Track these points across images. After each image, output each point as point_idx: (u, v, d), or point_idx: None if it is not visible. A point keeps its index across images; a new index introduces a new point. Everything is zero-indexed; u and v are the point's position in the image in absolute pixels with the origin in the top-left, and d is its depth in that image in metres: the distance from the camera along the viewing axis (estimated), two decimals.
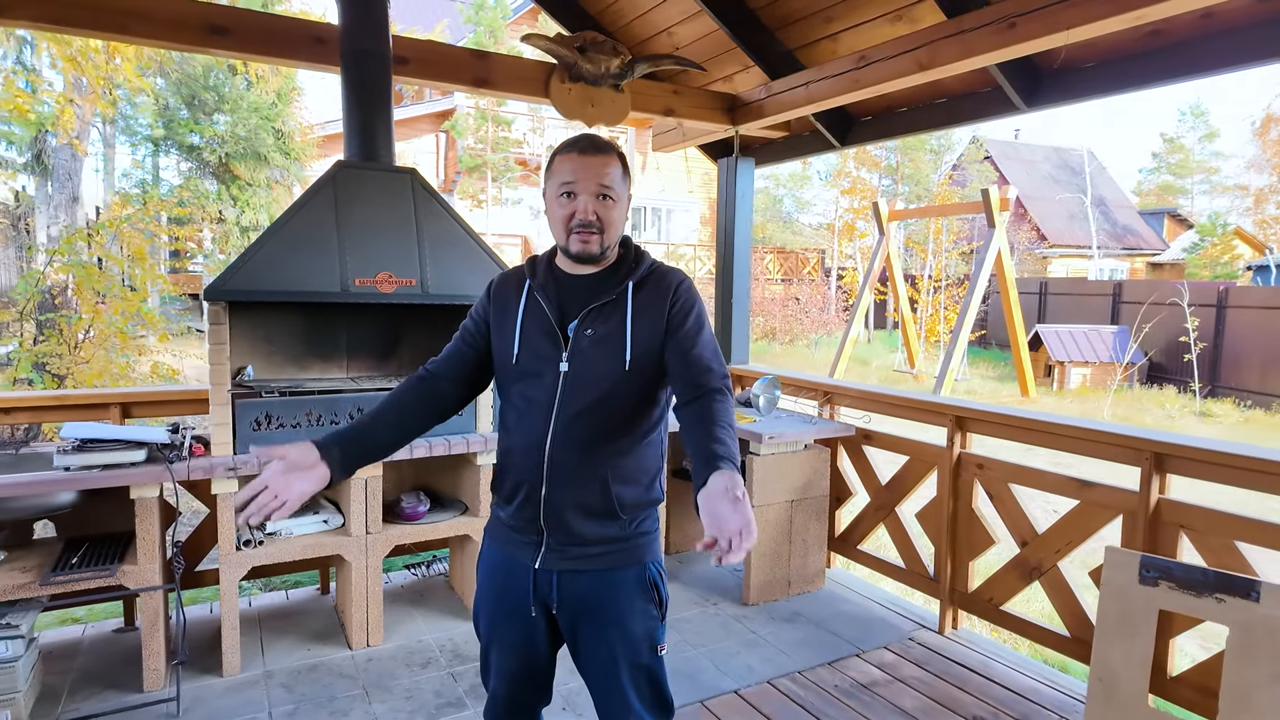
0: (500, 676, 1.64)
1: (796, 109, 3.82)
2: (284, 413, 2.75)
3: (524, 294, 1.58)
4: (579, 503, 1.50)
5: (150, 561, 2.54)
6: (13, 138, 9.68)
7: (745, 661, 2.92)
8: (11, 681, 2.36)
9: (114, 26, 2.84)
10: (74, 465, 2.40)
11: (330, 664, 2.81)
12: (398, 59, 3.27)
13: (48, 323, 5.76)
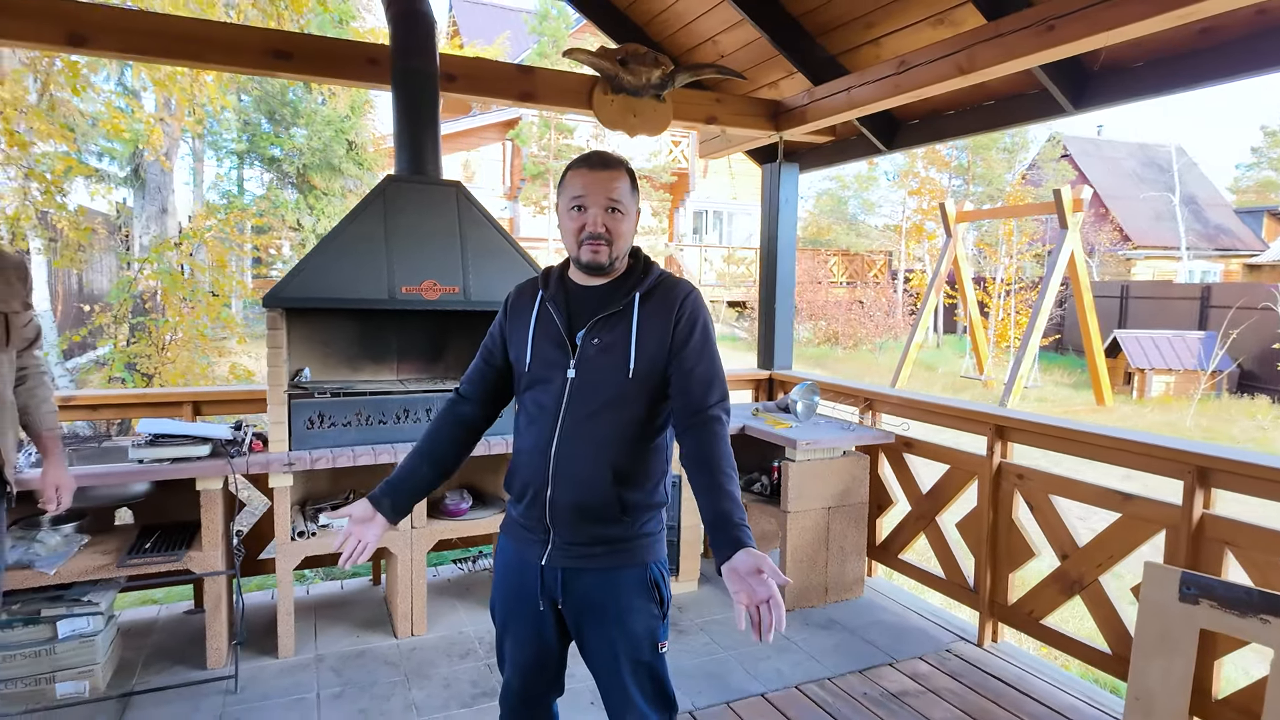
0: (513, 667, 1.73)
1: (839, 114, 3.82)
2: (335, 412, 2.93)
3: (537, 304, 1.67)
4: (583, 504, 1.58)
5: (214, 548, 2.74)
6: (114, 154, 10.45)
7: (775, 666, 2.94)
8: (91, 654, 2.60)
9: (187, 54, 3.08)
10: (146, 458, 2.63)
11: (376, 651, 2.97)
12: (446, 76, 3.43)
13: (139, 326, 6.21)
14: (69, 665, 2.57)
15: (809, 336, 17.96)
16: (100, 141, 9.77)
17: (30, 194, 4.83)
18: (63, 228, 5.41)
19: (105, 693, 2.61)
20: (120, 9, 3.09)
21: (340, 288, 2.84)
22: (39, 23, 2.82)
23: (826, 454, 3.45)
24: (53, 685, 2.55)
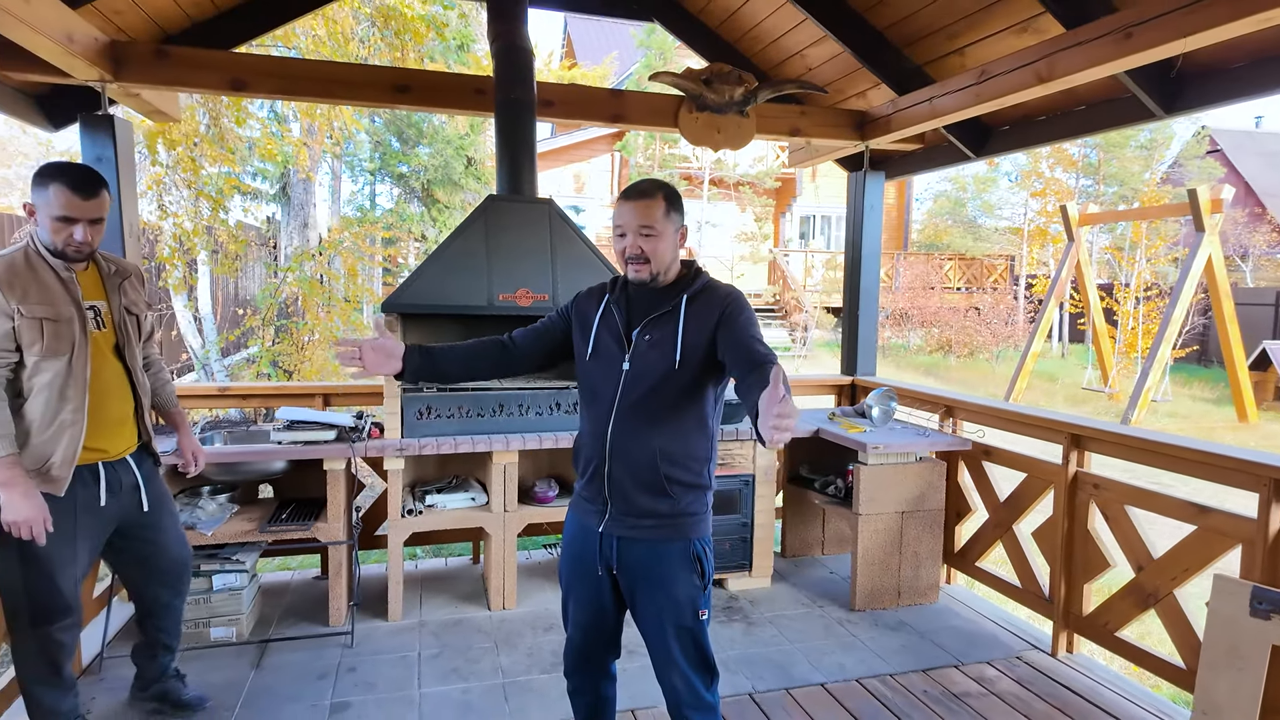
0: (575, 626, 1.98)
1: (921, 124, 3.87)
2: (440, 405, 3.30)
3: (602, 305, 1.92)
4: (634, 478, 1.81)
5: (338, 521, 3.17)
6: (266, 174, 11.68)
7: (838, 660, 3.06)
8: (237, 605, 3.07)
9: (324, 93, 3.56)
10: (284, 440, 3.08)
11: (471, 621, 3.31)
12: (544, 102, 3.77)
13: (282, 328, 6.99)
14: (221, 613, 3.05)
15: (920, 344, 17.40)
16: (255, 163, 10.92)
17: (200, 211, 5.63)
18: (223, 240, 6.22)
19: (248, 638, 3.08)
20: (270, 58, 3.62)
21: (446, 295, 3.20)
22: (208, 73, 3.36)
23: (900, 459, 3.51)
24: (208, 629, 3.04)
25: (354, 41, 6.26)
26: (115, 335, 2.27)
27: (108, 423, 2.23)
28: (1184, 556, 2.64)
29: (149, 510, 2.35)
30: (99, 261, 2.28)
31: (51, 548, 2.09)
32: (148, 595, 2.45)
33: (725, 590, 3.68)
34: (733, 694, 2.76)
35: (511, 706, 2.65)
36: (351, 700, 2.66)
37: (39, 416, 2.07)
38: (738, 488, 3.64)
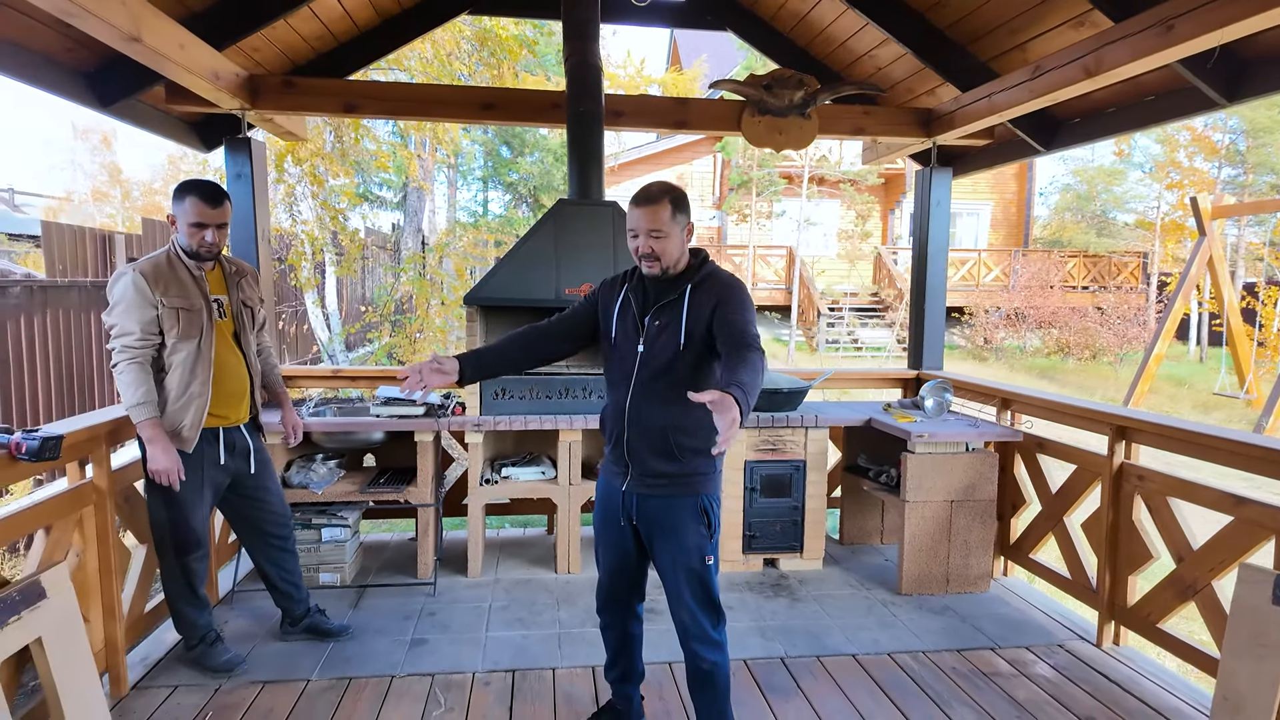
0: (604, 569, 2.28)
1: (982, 120, 3.92)
2: (514, 388, 3.70)
3: (622, 292, 2.21)
4: (649, 445, 2.09)
5: (426, 486, 3.62)
6: (390, 183, 12.75)
7: (874, 636, 3.20)
8: (342, 555, 3.58)
9: (422, 112, 4.05)
10: (382, 414, 3.56)
11: (539, 581, 3.69)
12: (614, 113, 4.10)
13: (397, 323, 7.71)
14: (328, 561, 3.58)
15: (1037, 346, 16.55)
16: (380, 174, 11.95)
17: (325, 220, 6.38)
18: (345, 245, 6.98)
19: (349, 584, 3.58)
20: (376, 83, 4.15)
21: (520, 290, 3.60)
22: (325, 98, 3.91)
23: (949, 449, 3.59)
24: (318, 574, 3.56)
25: (457, 60, 6.86)
26: (234, 324, 2.78)
27: (227, 396, 2.73)
28: (1221, 548, 2.63)
29: (256, 473, 2.85)
30: (222, 262, 2.79)
31: (185, 493, 2.60)
32: (258, 545, 2.94)
33: (776, 569, 3.87)
34: (765, 656, 2.98)
35: (563, 652, 2.99)
36: (429, 638, 3.09)
37: (174, 388, 2.59)
38: (789, 473, 3.83)
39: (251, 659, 2.88)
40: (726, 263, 17.56)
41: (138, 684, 2.71)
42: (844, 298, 16.66)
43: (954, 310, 17.40)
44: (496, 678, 2.80)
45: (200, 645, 2.80)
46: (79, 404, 5.51)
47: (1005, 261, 18.17)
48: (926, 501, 3.58)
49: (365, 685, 2.72)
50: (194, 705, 2.58)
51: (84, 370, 5.46)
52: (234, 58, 3.67)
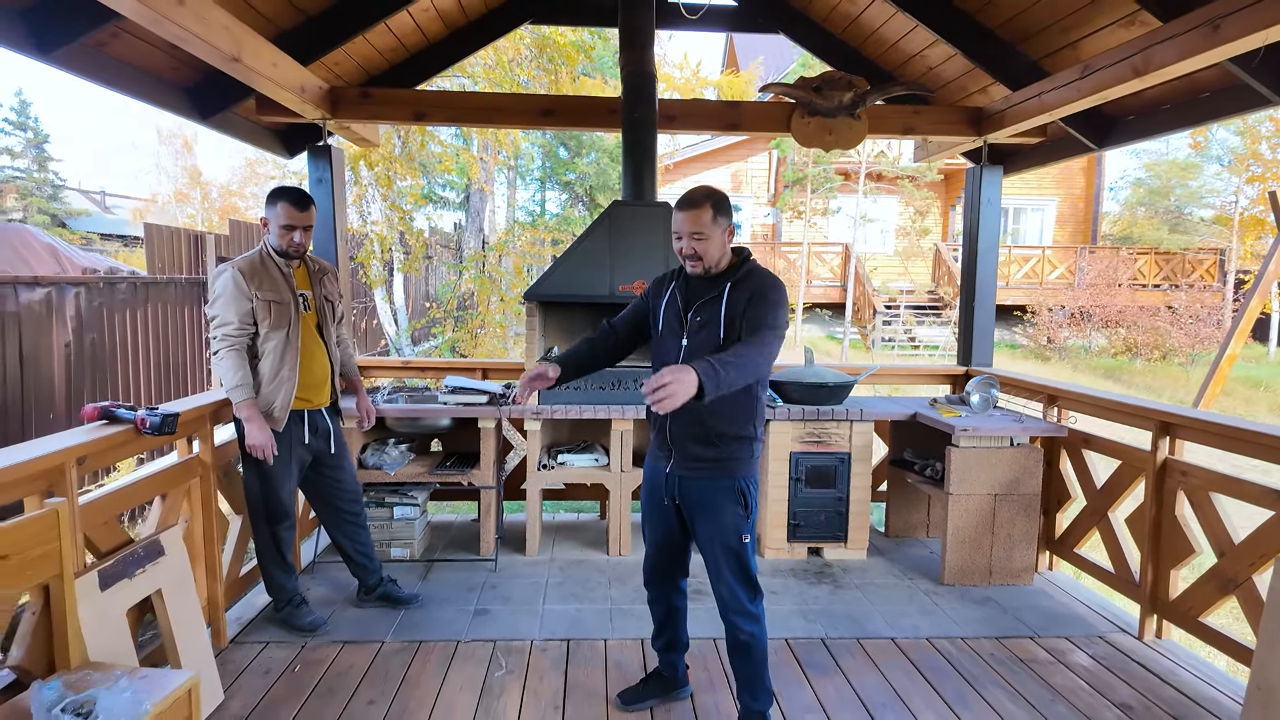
0: (651, 544, 2.47)
1: (1032, 119, 3.95)
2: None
3: (669, 289, 2.38)
4: (689, 433, 2.26)
5: (488, 469, 3.87)
6: (454, 184, 13.19)
7: (914, 622, 3.31)
8: (411, 532, 3.86)
9: (485, 119, 4.31)
10: (449, 401, 3.83)
11: (592, 562, 3.90)
12: (667, 117, 4.28)
13: (460, 319, 8.05)
14: (399, 537, 3.86)
15: (1104, 346, 16.05)
16: (445, 176, 12.39)
17: (391, 221, 6.73)
18: (411, 244, 7.34)
19: (418, 558, 3.86)
20: (442, 93, 4.42)
21: (576, 287, 3.81)
22: (397, 107, 4.19)
23: (993, 443, 3.65)
24: (389, 549, 3.85)
25: (518, 65, 7.13)
26: (317, 317, 3.06)
27: (311, 381, 3.01)
28: (1262, 542, 2.66)
29: (335, 452, 3.14)
30: (307, 261, 3.08)
31: (276, 467, 2.89)
32: (334, 519, 3.22)
33: (820, 558, 4.00)
34: (806, 637, 3.13)
35: (614, 625, 3.19)
36: (490, 608, 3.33)
37: (267, 373, 2.88)
38: (834, 465, 3.95)
39: (332, 622, 3.17)
40: (780, 260, 17.53)
41: (234, 639, 3.02)
42: (900, 295, 16.45)
43: (1016, 309, 17.01)
44: (553, 645, 3.02)
45: (288, 607, 3.10)
46: (175, 389, 5.99)
47: (1071, 259, 17.64)
48: (970, 494, 3.66)
49: (434, 648, 2.98)
50: (284, 659, 2.87)
51: (179, 358, 5.95)
52: (317, 71, 3.98)
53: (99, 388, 5.19)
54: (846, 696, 2.69)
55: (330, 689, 2.68)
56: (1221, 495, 2.87)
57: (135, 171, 37.83)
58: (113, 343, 5.30)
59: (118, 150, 45.88)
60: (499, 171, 11.72)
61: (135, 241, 19.35)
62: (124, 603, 2.23)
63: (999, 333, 17.56)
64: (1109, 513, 3.47)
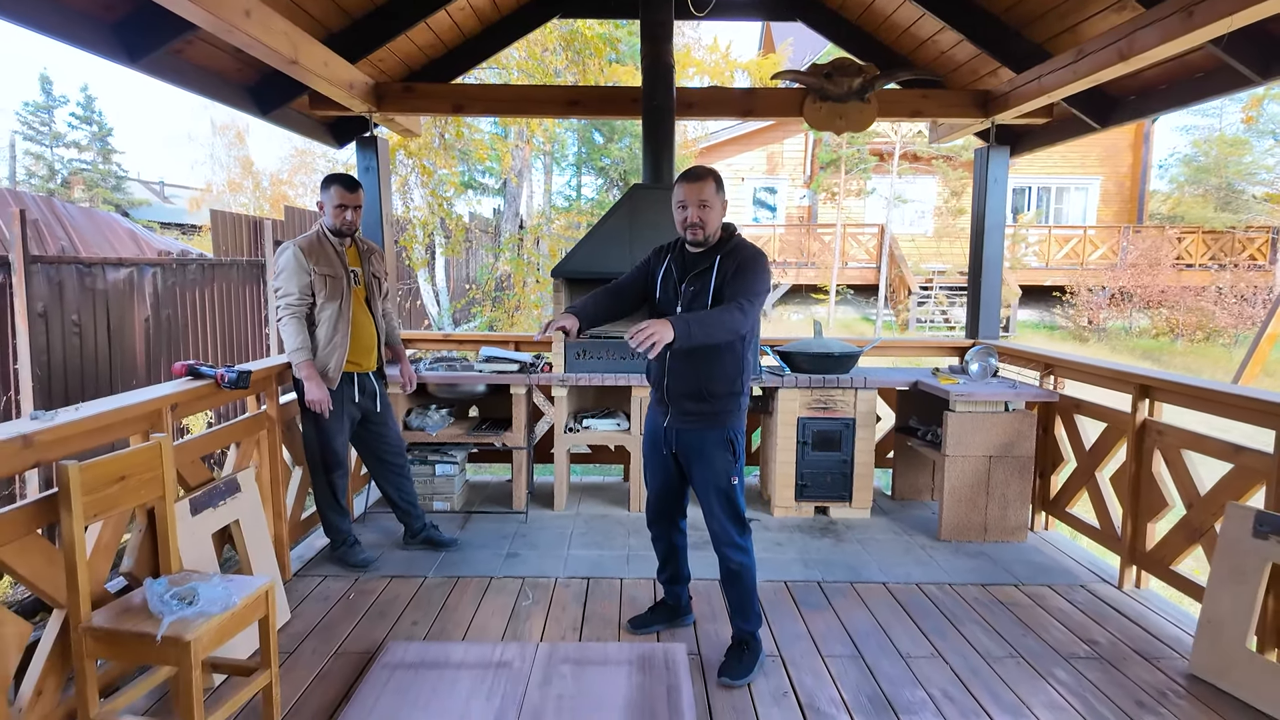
0: (651, 489, 2.80)
1: (1033, 100, 4.14)
2: (593, 350, 4.26)
3: (666, 261, 2.69)
4: (683, 390, 2.57)
5: (520, 432, 4.25)
6: (493, 171, 13.62)
7: (907, 570, 3.59)
8: (451, 487, 4.27)
9: (517, 110, 4.64)
10: (484, 369, 4.21)
11: (614, 517, 4.26)
12: (685, 104, 4.56)
13: (497, 299, 8.46)
14: (440, 491, 4.27)
15: (1144, 327, 15.81)
16: (486, 164, 12.79)
17: (433, 207, 7.15)
18: (451, 229, 7.75)
19: (457, 510, 4.27)
20: (479, 86, 4.77)
21: (598, 264, 4.14)
22: (437, 100, 4.55)
23: (989, 408, 3.89)
24: (432, 502, 4.26)
25: (551, 55, 7.45)
26: (365, 291, 3.45)
27: (361, 347, 3.40)
28: (1222, 493, 2.88)
29: (380, 411, 3.53)
30: (357, 241, 3.46)
31: (330, 421, 3.30)
32: (381, 471, 3.62)
33: (826, 516, 4.29)
34: (803, 580, 3.44)
35: (630, 567, 3.54)
36: (520, 552, 3.71)
37: (323, 338, 3.27)
38: (839, 429, 4.23)
39: (382, 561, 3.58)
40: (815, 242, 17.60)
41: (297, 573, 3.45)
42: (934, 276, 16.40)
43: (1055, 290, 16.82)
44: (574, 582, 3.38)
45: (343, 546, 3.52)
46: (238, 359, 6.55)
47: (1114, 239, 17.34)
48: (966, 456, 3.90)
49: (470, 582, 3.37)
50: (340, 589, 3.29)
51: (242, 331, 6.49)
52: (363, 68, 4.36)
53: (174, 358, 5.73)
54: (834, 627, 3.00)
55: (380, 612, 3.08)
56: (1193, 452, 3.09)
57: (191, 162, 39.28)
58: (184, 318, 5.83)
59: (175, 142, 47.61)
60: (535, 158, 12.08)
61: (193, 230, 20.28)
62: (210, 527, 2.65)
63: (1037, 314, 17.39)
64: (1096, 472, 3.69)
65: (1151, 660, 2.78)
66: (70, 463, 1.96)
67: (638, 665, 2.60)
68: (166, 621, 1.96)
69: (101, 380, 5.00)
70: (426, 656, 2.66)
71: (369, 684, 2.47)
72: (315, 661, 2.70)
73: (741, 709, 2.43)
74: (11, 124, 24.65)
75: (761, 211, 19.61)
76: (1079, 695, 2.54)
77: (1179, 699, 2.53)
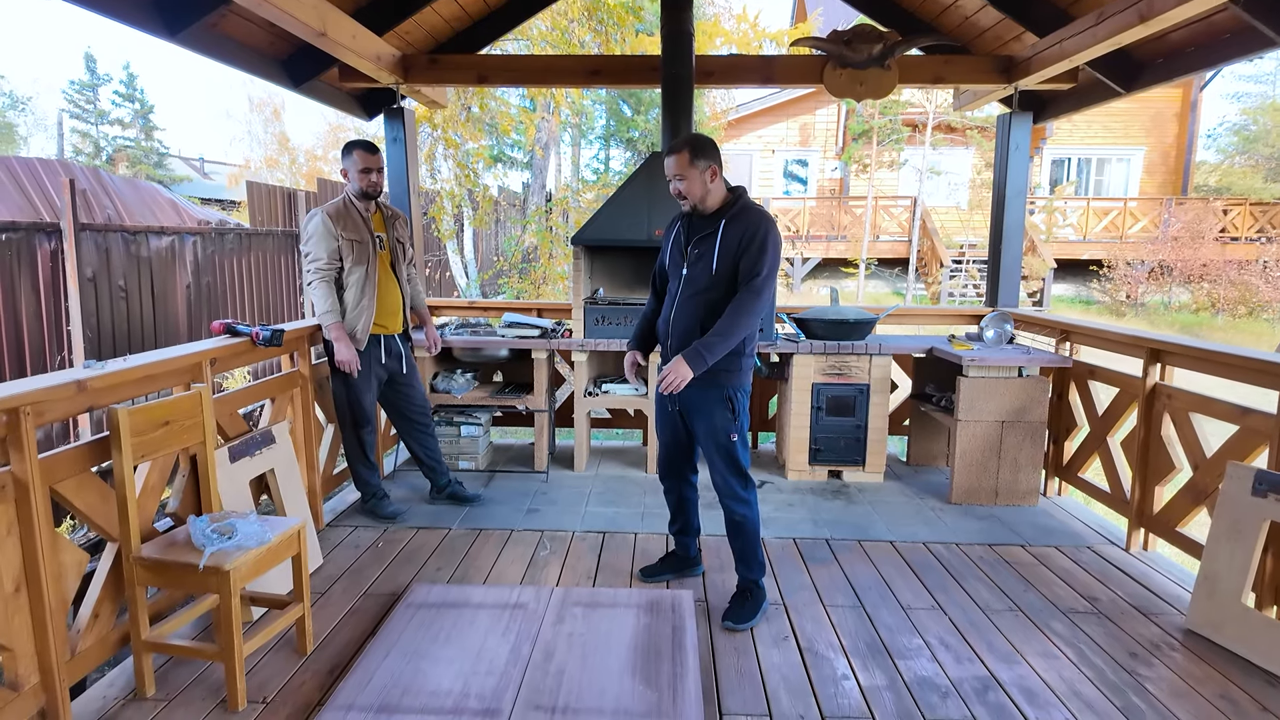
0: (661, 444, 2.92)
1: (1055, 65, 4.10)
2: (611, 316, 4.37)
3: (675, 226, 2.78)
4: (686, 349, 2.66)
5: (541, 396, 4.39)
6: (521, 144, 13.70)
7: (914, 530, 3.67)
8: (476, 447, 4.44)
9: (540, 80, 4.73)
10: (506, 334, 4.35)
11: (631, 478, 4.40)
12: (704, 72, 4.60)
13: (524, 270, 8.60)
14: (465, 451, 4.44)
15: (1184, 302, 15.43)
16: (514, 137, 12.87)
17: (460, 179, 7.27)
18: (479, 200, 7.88)
19: (482, 469, 4.44)
20: (502, 56, 4.86)
21: (616, 231, 4.23)
22: (462, 71, 4.66)
23: (1002, 374, 3.92)
24: (458, 461, 4.44)
25: (577, 25, 7.47)
26: (390, 256, 3.59)
27: (386, 310, 3.55)
28: (1228, 455, 2.90)
29: (406, 372, 3.69)
30: (382, 207, 3.60)
31: (359, 380, 3.46)
32: (408, 429, 3.79)
33: (839, 480, 4.37)
34: (812, 537, 3.54)
35: (644, 523, 3.68)
36: (540, 509, 3.87)
37: (351, 301, 3.42)
38: (853, 395, 4.29)
39: (409, 513, 3.77)
40: (846, 215, 17.42)
41: (330, 523, 3.65)
42: (966, 249, 16.15)
43: (1093, 264, 16.47)
44: (591, 536, 3.53)
45: (373, 499, 3.71)
46: (273, 323, 6.85)
47: (1156, 211, 16.88)
48: (978, 421, 3.95)
49: (492, 534, 3.54)
50: (370, 538, 3.49)
51: (278, 298, 6.76)
52: (391, 41, 4.47)
53: (214, 321, 6.04)
54: (838, 580, 3.11)
55: (408, 559, 3.27)
56: (1205, 417, 3.11)
57: (230, 138, 40.05)
58: (223, 284, 6.09)
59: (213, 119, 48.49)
60: (563, 130, 12.14)
61: (231, 205, 20.75)
62: (247, 474, 2.83)
63: (1073, 289, 17.05)
64: (1108, 437, 3.72)
65: (1150, 616, 2.84)
66: (120, 406, 2.14)
67: (646, 608, 2.74)
68: (208, 553, 2.14)
69: (147, 342, 5.27)
70: (449, 597, 2.83)
71: (395, 620, 2.65)
72: (345, 601, 2.88)
73: (743, 649, 2.56)
74: (59, 102, 25.36)
75: (793, 185, 19.44)
76: (1073, 646, 2.62)
77: (1172, 651, 2.59)
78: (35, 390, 2.01)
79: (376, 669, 2.33)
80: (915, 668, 2.47)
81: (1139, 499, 3.41)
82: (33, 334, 4.64)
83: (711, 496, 3.21)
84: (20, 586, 1.98)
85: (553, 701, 2.18)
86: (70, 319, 4.69)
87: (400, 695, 2.20)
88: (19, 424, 1.95)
